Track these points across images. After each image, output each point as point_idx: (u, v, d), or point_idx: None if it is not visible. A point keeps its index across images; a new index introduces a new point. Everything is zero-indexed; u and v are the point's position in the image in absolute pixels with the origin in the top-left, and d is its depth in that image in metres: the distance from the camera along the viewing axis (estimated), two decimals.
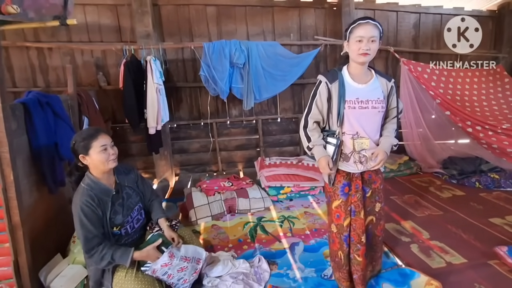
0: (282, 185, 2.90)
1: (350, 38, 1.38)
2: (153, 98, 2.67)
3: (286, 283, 1.75)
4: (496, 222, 2.38)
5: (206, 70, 2.95)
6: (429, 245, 2.08)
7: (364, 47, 1.32)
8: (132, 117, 2.76)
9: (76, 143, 1.46)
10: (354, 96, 1.39)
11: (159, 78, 2.79)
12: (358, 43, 1.33)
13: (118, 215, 1.54)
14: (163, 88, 2.92)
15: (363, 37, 1.32)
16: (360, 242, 1.51)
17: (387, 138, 1.48)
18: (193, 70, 3.57)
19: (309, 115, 1.48)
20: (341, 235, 1.53)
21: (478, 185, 3.13)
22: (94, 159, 1.45)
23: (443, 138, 3.95)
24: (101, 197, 1.48)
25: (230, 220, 2.56)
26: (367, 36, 1.32)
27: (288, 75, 3.22)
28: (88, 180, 1.49)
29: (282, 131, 4.02)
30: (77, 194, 1.46)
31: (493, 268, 1.81)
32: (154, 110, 2.70)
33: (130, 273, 1.51)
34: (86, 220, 1.40)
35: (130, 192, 1.65)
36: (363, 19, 1.34)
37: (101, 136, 1.48)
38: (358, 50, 1.33)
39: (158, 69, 2.80)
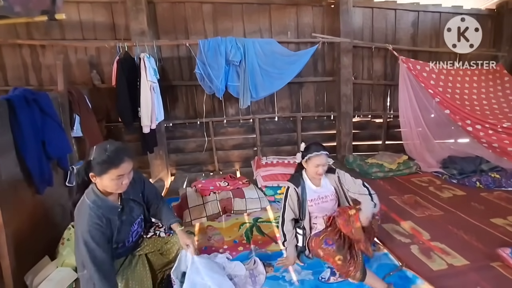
0: (279, 185, 2.84)
1: (308, 162, 1.81)
2: (147, 96, 2.61)
3: (282, 285, 1.68)
4: (498, 222, 2.32)
5: (201, 68, 2.89)
6: (430, 246, 2.02)
7: (321, 170, 1.78)
8: (125, 116, 2.70)
9: (94, 160, 1.29)
10: (315, 195, 1.85)
11: (153, 76, 2.73)
12: (315, 168, 1.79)
13: (120, 232, 1.42)
14: (158, 86, 2.86)
15: (319, 164, 1.78)
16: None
17: (365, 206, 1.70)
18: (189, 68, 3.52)
19: (285, 214, 1.86)
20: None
21: (478, 184, 3.07)
22: (104, 183, 1.31)
23: (443, 137, 3.91)
24: (109, 216, 1.34)
25: (225, 221, 2.50)
26: (322, 163, 1.78)
27: (285, 73, 3.16)
28: (93, 196, 1.33)
29: (279, 130, 3.97)
30: (83, 213, 1.30)
31: (496, 270, 1.75)
32: (148, 109, 2.64)
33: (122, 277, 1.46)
34: (94, 244, 1.25)
35: (133, 205, 1.53)
36: (318, 150, 1.78)
37: (124, 164, 1.30)
38: (316, 172, 1.80)
39: (152, 67, 2.74)
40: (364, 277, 1.56)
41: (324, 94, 4.04)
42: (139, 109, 2.70)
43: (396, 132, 4.14)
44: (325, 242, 1.68)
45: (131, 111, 2.69)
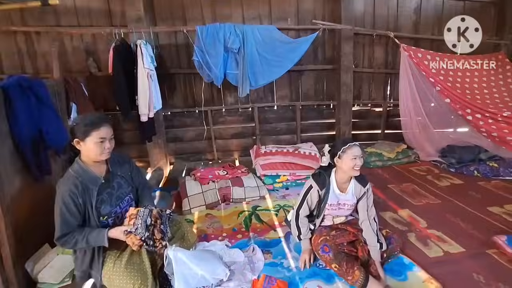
0: (278, 174, 2.85)
1: (343, 157, 1.65)
2: (144, 84, 2.57)
3: (280, 272, 1.71)
4: (495, 211, 2.35)
5: (199, 55, 2.84)
6: (427, 234, 2.05)
7: (359, 162, 1.63)
8: (122, 104, 2.67)
9: (77, 125, 1.41)
10: (335, 201, 1.77)
11: (150, 63, 2.69)
12: (353, 160, 1.62)
13: (106, 204, 1.48)
14: (155, 74, 2.82)
15: (357, 155, 1.63)
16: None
17: (374, 254, 1.65)
18: (187, 55, 3.46)
19: (300, 210, 1.80)
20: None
21: (476, 173, 3.09)
22: (88, 148, 1.41)
23: (442, 127, 3.89)
24: (87, 185, 1.43)
25: (224, 209, 2.52)
26: (359, 154, 1.64)
27: (284, 61, 3.11)
28: (77, 166, 1.44)
29: (279, 119, 3.94)
30: (63, 179, 1.42)
31: (491, 258, 1.78)
32: (145, 97, 2.61)
33: (119, 264, 1.47)
34: (65, 209, 1.37)
35: (122, 182, 1.60)
36: (351, 141, 1.68)
37: (104, 127, 1.43)
38: (354, 166, 1.63)
39: (149, 54, 2.69)
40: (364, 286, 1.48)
41: (324, 83, 4.00)
42: (137, 97, 2.66)
43: (396, 121, 4.11)
44: (322, 249, 1.64)
45: (129, 99, 2.66)
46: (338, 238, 1.73)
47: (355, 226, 1.81)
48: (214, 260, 1.62)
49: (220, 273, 1.55)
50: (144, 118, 2.70)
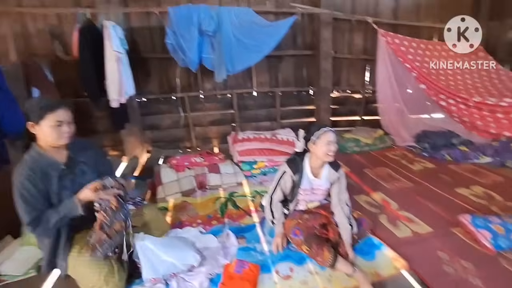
0: (255, 160, 2.83)
1: (318, 142, 1.64)
2: (112, 68, 2.45)
3: (253, 256, 1.71)
4: (462, 192, 2.44)
5: (172, 38, 2.72)
6: (397, 216, 2.10)
7: (333, 148, 1.62)
8: (90, 89, 2.54)
9: (31, 107, 1.32)
10: (308, 186, 1.77)
11: (119, 46, 2.55)
12: (327, 146, 1.62)
13: (68, 191, 1.40)
14: (125, 57, 2.69)
15: (331, 141, 1.62)
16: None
17: (345, 236, 1.67)
18: (161, 39, 3.28)
19: (274, 195, 1.80)
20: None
21: (448, 157, 3.19)
22: (44, 132, 1.33)
23: (418, 113, 3.97)
24: (46, 170, 1.35)
25: (200, 196, 2.48)
26: (333, 140, 1.63)
27: (262, 46, 3.04)
28: (33, 152, 1.36)
29: (258, 105, 3.90)
30: (19, 166, 1.34)
31: (456, 236, 1.85)
32: (115, 81, 2.49)
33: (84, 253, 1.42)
34: (28, 194, 1.29)
35: (86, 169, 1.51)
36: (325, 127, 1.66)
37: (61, 110, 1.34)
38: (327, 151, 1.62)
39: (118, 36, 2.55)
40: (333, 265, 1.52)
41: (303, 69, 3.97)
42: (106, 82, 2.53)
43: (374, 107, 4.17)
44: (293, 233, 1.66)
45: (97, 84, 2.52)
46: (310, 221, 1.74)
47: (328, 210, 1.82)
48: (185, 246, 1.59)
49: (191, 259, 1.53)
50: (115, 104, 2.59)
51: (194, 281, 1.48)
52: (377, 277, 1.53)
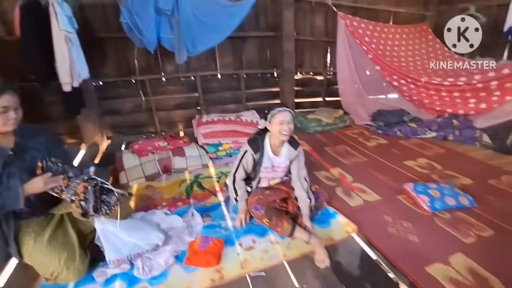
0: (220, 142, 2.86)
1: (272, 121, 1.70)
2: (61, 49, 2.28)
3: (218, 232, 1.78)
4: (409, 164, 2.70)
5: (127, 17, 2.58)
6: (352, 187, 2.29)
7: (286, 128, 1.67)
8: (37, 72, 2.35)
9: None
10: (269, 164, 1.85)
11: (68, 25, 2.37)
12: (280, 126, 1.67)
13: (14, 178, 1.34)
14: (76, 37, 2.51)
15: (283, 121, 1.66)
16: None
17: (303, 209, 1.80)
18: (116, 17, 3.09)
19: (236, 174, 1.86)
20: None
21: (399, 134, 3.47)
22: None
23: (375, 93, 4.22)
24: None
25: (166, 180, 2.48)
26: (286, 119, 1.67)
27: (224, 26, 3.00)
28: None
29: (223, 88, 3.88)
30: None
31: (400, 202, 2.07)
32: (65, 63, 2.32)
33: (40, 240, 1.39)
34: None
35: (36, 155, 1.44)
36: (280, 107, 1.70)
37: (6, 94, 1.29)
38: (281, 130, 1.68)
39: (65, 14, 2.36)
40: (291, 234, 1.65)
41: (267, 51, 3.99)
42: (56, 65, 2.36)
43: (335, 89, 4.34)
44: (254, 208, 1.74)
45: (45, 66, 2.34)
46: (271, 197, 1.84)
47: (288, 185, 1.93)
48: (148, 227, 1.62)
49: (154, 239, 1.56)
50: (67, 87, 2.43)
51: (159, 259, 1.52)
52: (331, 241, 1.68)
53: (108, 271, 1.46)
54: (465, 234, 1.72)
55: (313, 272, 1.47)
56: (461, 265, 1.48)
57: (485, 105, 3.16)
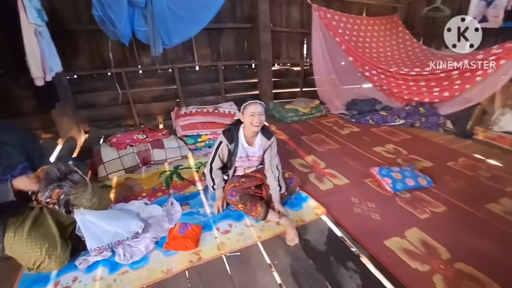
0: (199, 134, 2.92)
1: (244, 113, 1.80)
2: (31, 42, 2.23)
3: (196, 218, 1.88)
4: (378, 150, 2.89)
5: (100, 10, 2.54)
6: (324, 173, 2.44)
7: (256, 119, 1.76)
8: (6, 66, 2.30)
9: None
10: (243, 153, 1.94)
11: (37, 18, 2.32)
12: (251, 117, 1.76)
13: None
14: (46, 30, 2.46)
15: (254, 112, 1.75)
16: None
17: (274, 196, 1.94)
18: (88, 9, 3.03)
19: (213, 164, 1.94)
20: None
21: (371, 122, 3.67)
22: None
23: (350, 84, 4.38)
24: None
25: (145, 172, 2.53)
26: (257, 111, 1.75)
27: (199, 18, 3.02)
28: None
29: (201, 80, 3.91)
30: None
31: (367, 185, 2.25)
32: (36, 58, 2.28)
33: (20, 232, 1.43)
34: None
35: (11, 150, 1.47)
36: (252, 99, 1.79)
37: None
38: (252, 122, 1.77)
39: (34, 6, 2.30)
40: (265, 218, 1.78)
41: (244, 42, 4.03)
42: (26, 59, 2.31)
43: (312, 79, 4.47)
44: (230, 194, 1.85)
45: (15, 60, 2.29)
46: (246, 184, 1.95)
47: (262, 173, 2.05)
48: (128, 216, 1.69)
49: (134, 227, 1.64)
50: (40, 82, 2.39)
51: (139, 246, 1.60)
52: (302, 222, 1.82)
53: (90, 259, 1.52)
54: (421, 211, 1.91)
55: (284, 250, 1.61)
56: (415, 238, 1.67)
57: (448, 93, 3.39)
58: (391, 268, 1.46)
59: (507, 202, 1.99)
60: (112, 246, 1.58)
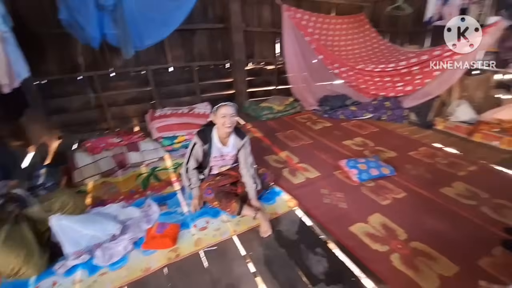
0: (175, 135, 2.96)
1: (216, 115, 1.86)
2: None
3: (174, 218, 1.95)
4: (347, 143, 3.07)
5: (66, 14, 2.51)
6: (296, 167, 2.58)
7: (228, 121, 1.83)
8: None
9: None
10: (218, 153, 2.01)
11: (1, 24, 2.25)
12: (222, 119, 1.83)
13: None
14: (10, 36, 2.39)
15: (225, 114, 1.82)
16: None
17: (251, 193, 2.01)
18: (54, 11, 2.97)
19: (188, 164, 2.01)
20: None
21: (342, 116, 3.85)
22: None
23: (322, 80, 4.55)
24: None
25: (122, 175, 2.55)
26: (228, 113, 1.83)
27: (171, 19, 3.02)
28: None
29: (176, 81, 3.93)
30: None
31: (335, 177, 2.40)
32: (1, 65, 2.23)
33: None
34: None
35: None
36: (224, 102, 1.85)
37: None
38: (223, 123, 1.84)
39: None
40: (240, 213, 1.87)
41: (218, 42, 4.08)
42: None
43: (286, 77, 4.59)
44: (206, 192, 1.95)
45: None
46: (222, 181, 2.04)
47: (237, 171, 2.14)
48: (104, 219, 1.72)
49: (111, 229, 1.68)
50: (6, 89, 2.33)
51: (118, 247, 1.65)
52: (275, 215, 1.94)
53: (68, 263, 1.55)
54: (383, 198, 2.09)
55: (258, 241, 1.72)
56: (376, 222, 1.83)
57: (411, 87, 3.64)
58: (355, 250, 1.61)
59: (459, 186, 2.22)
60: (91, 250, 1.62)
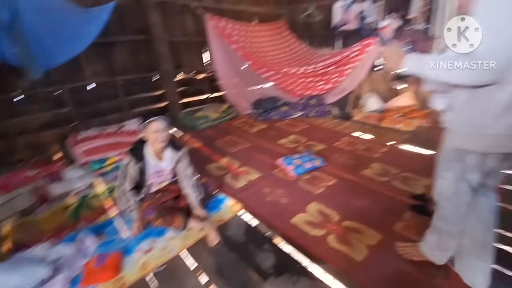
0: (105, 157, 2.75)
1: (147, 132, 1.82)
2: None
3: (114, 246, 1.81)
4: (282, 142, 3.28)
5: None
6: (238, 172, 2.65)
7: (160, 137, 1.80)
8: None
9: None
10: (154, 170, 1.94)
11: None
12: (155, 134, 1.80)
13: None
14: None
15: (157, 130, 1.80)
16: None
17: (194, 203, 1.99)
18: None
19: (124, 186, 1.88)
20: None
21: (275, 117, 4.09)
22: None
23: (253, 85, 4.75)
24: None
25: (45, 211, 2.25)
26: (159, 128, 1.80)
27: (83, 34, 2.80)
28: None
29: (98, 98, 3.64)
30: None
31: (274, 175, 2.55)
32: None
33: None
34: None
35: None
36: (153, 117, 1.83)
37: None
38: (156, 140, 1.81)
39: None
40: (185, 227, 1.85)
41: (141, 54, 3.92)
42: None
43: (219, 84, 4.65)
44: (147, 213, 1.87)
45: None
46: (163, 198, 1.98)
47: (177, 184, 2.09)
48: (29, 264, 1.52)
49: (39, 273, 1.49)
50: None
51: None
52: (221, 222, 1.97)
53: None
54: (318, 187, 2.31)
55: (208, 251, 1.73)
56: (314, 210, 2.02)
57: (330, 85, 4.08)
58: (297, 240, 1.76)
59: (375, 166, 2.58)
60: None
